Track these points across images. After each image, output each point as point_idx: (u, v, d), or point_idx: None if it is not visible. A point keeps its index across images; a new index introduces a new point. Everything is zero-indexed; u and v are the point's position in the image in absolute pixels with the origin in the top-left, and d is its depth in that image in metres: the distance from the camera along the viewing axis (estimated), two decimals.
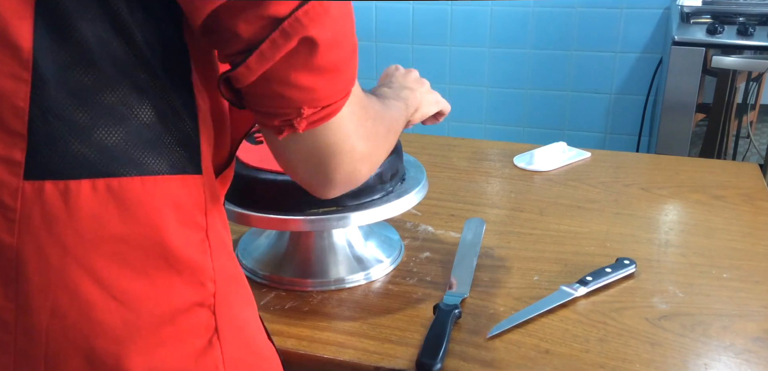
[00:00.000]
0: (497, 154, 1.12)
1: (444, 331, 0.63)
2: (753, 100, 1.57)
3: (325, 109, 0.44)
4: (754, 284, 0.74)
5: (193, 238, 0.45)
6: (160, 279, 0.43)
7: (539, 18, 1.96)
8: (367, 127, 0.49)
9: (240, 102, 0.45)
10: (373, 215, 0.70)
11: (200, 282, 0.45)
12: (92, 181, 0.41)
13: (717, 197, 0.95)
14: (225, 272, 0.47)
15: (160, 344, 0.43)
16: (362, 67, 1.95)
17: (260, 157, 0.73)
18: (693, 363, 0.61)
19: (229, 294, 0.47)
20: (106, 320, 0.42)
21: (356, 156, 0.48)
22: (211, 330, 0.46)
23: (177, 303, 0.44)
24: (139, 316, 0.43)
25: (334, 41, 0.42)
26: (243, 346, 0.49)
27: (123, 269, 0.42)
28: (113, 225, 0.41)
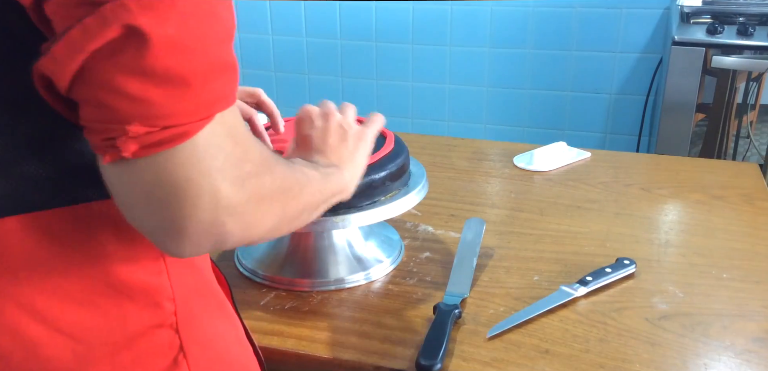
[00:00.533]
0: (497, 154, 1.12)
1: (444, 331, 0.63)
2: (753, 100, 1.57)
3: (167, 130, 0.34)
4: (755, 284, 0.74)
5: (142, 260, 0.42)
6: (110, 307, 0.41)
7: (539, 18, 1.96)
8: (243, 170, 0.38)
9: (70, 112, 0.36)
10: (373, 215, 0.70)
11: (156, 304, 0.43)
12: (19, 217, 0.38)
13: (717, 197, 0.95)
14: (187, 288, 0.45)
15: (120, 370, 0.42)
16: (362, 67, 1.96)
17: None
18: (693, 363, 0.61)
19: (194, 308, 0.45)
20: (55, 355, 0.40)
21: (221, 202, 0.36)
22: (175, 349, 0.44)
23: (132, 328, 0.42)
24: (91, 347, 0.41)
25: (179, 42, 0.33)
26: (214, 360, 0.47)
27: (65, 302, 0.40)
28: (48, 260, 0.39)
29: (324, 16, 2.14)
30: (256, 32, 2.22)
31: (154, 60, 0.32)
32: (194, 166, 0.35)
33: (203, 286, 0.48)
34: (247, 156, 0.39)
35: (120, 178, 0.36)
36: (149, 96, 0.33)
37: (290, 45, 2.21)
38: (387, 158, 0.73)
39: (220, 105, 0.36)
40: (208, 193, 0.36)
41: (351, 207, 0.69)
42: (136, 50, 0.32)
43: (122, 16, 0.31)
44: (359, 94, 2.20)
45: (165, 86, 0.33)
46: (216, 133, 0.36)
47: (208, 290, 0.49)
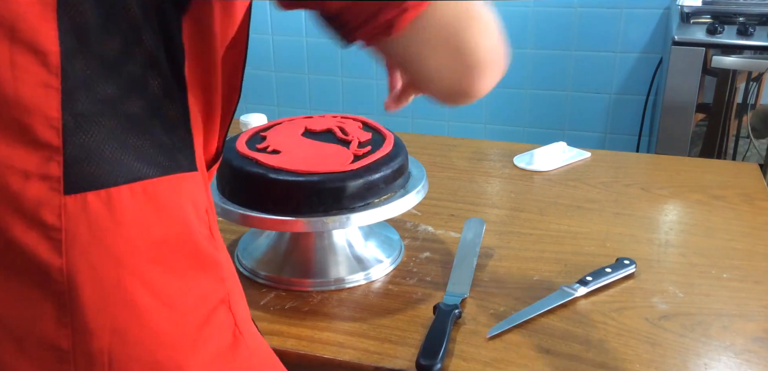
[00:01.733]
0: (497, 154, 1.12)
1: (444, 331, 0.63)
2: (753, 100, 1.57)
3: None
4: (754, 284, 0.74)
5: (206, 235, 0.44)
6: (194, 279, 0.42)
7: (539, 18, 1.96)
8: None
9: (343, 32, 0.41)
10: (373, 215, 0.70)
11: (220, 279, 0.45)
12: (130, 185, 0.39)
13: (717, 197, 0.95)
14: (230, 267, 0.47)
15: (205, 345, 0.42)
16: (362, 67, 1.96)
17: (264, 156, 0.73)
18: (693, 363, 0.61)
19: (235, 289, 0.47)
20: (163, 329, 0.40)
21: (491, 24, 0.41)
22: (232, 325, 0.45)
23: (210, 302, 0.43)
24: (186, 320, 0.41)
25: None
26: (254, 338, 0.49)
27: (167, 273, 0.41)
28: (154, 229, 0.40)
29: None
30: (256, 32, 2.22)
31: None
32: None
33: (234, 270, 0.50)
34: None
35: (415, 39, 0.40)
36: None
37: (290, 45, 2.21)
38: (386, 158, 0.73)
39: None
40: (482, 17, 0.41)
41: (351, 207, 0.69)
42: None
43: None
44: (359, 94, 2.20)
45: None
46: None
47: (236, 274, 0.50)
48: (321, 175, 0.69)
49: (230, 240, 0.85)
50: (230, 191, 0.73)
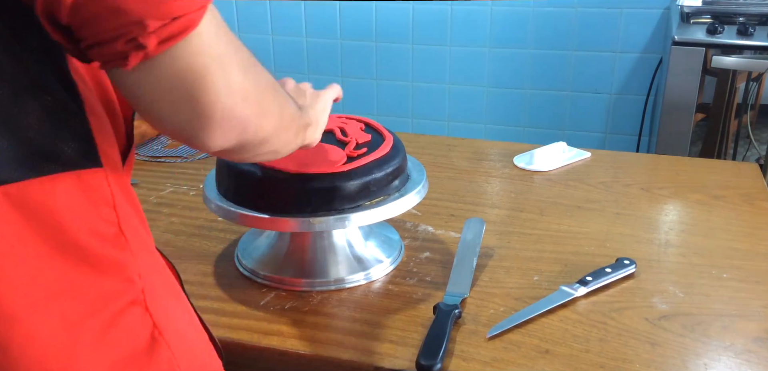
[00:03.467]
0: (497, 154, 1.12)
1: (444, 331, 0.63)
2: (753, 100, 1.57)
3: (176, 21, 0.36)
4: (755, 284, 0.74)
5: (107, 234, 0.42)
6: (88, 284, 0.41)
7: (539, 18, 1.96)
8: (241, 58, 0.41)
9: (73, 44, 0.38)
10: (373, 215, 0.70)
11: (126, 279, 0.43)
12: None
13: (717, 197, 0.95)
14: (147, 265, 0.45)
15: (109, 350, 0.41)
16: (362, 67, 1.96)
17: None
18: (693, 363, 0.61)
19: (156, 287, 0.45)
20: (51, 340, 0.39)
21: (235, 86, 0.40)
22: (150, 326, 0.44)
23: (112, 306, 0.42)
24: (79, 328, 0.40)
25: None
26: (181, 339, 0.47)
27: (50, 281, 0.39)
28: (27, 236, 0.38)
29: (324, 16, 2.14)
30: (256, 32, 2.22)
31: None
32: (206, 52, 0.38)
33: (159, 267, 0.48)
34: (239, 44, 0.42)
35: (145, 79, 0.38)
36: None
37: (290, 45, 2.21)
38: (383, 158, 0.73)
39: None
40: (223, 77, 0.39)
41: (351, 207, 0.69)
42: None
43: None
44: (359, 94, 2.20)
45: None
46: (212, 21, 0.39)
47: (163, 271, 0.49)
48: (319, 175, 0.69)
49: (230, 240, 0.85)
50: (229, 191, 0.73)
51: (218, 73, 0.39)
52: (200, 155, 1.12)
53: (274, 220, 0.69)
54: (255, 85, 0.43)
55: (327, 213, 0.69)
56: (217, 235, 0.86)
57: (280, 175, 0.69)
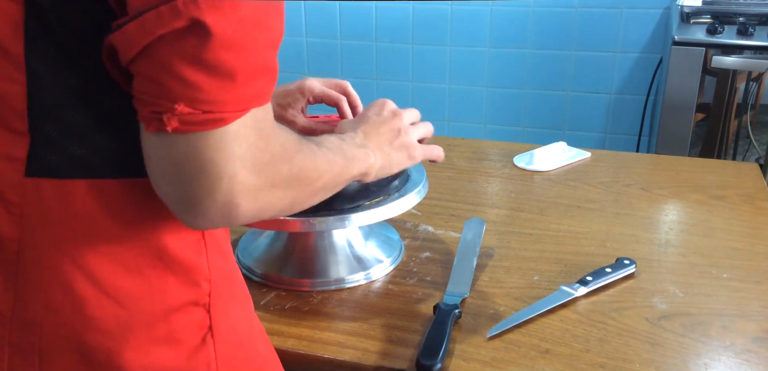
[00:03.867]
0: (497, 154, 1.12)
1: (444, 331, 0.63)
2: (753, 100, 1.57)
3: (206, 114, 0.38)
4: (755, 284, 0.74)
5: (189, 238, 0.45)
6: (154, 278, 0.44)
7: (539, 18, 1.96)
8: (262, 160, 0.42)
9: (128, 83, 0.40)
10: (373, 215, 0.70)
11: (195, 282, 0.46)
12: (88, 181, 0.42)
13: (717, 197, 0.95)
14: (220, 271, 0.48)
15: (153, 341, 0.44)
16: (362, 67, 1.96)
17: None
18: (693, 363, 0.61)
19: (225, 293, 0.48)
20: (98, 316, 0.42)
21: (237, 186, 0.40)
22: (205, 329, 0.46)
23: (171, 301, 0.44)
24: (132, 314, 0.43)
25: (235, 41, 0.37)
26: (238, 345, 0.49)
27: (116, 267, 0.43)
28: (107, 225, 0.42)
29: (324, 16, 2.14)
30: None
31: (211, 52, 0.37)
32: (221, 150, 0.39)
33: (234, 273, 0.50)
34: (268, 146, 0.43)
35: (156, 148, 0.40)
36: (199, 82, 0.37)
37: (290, 45, 2.21)
38: None
39: (257, 101, 0.40)
40: (228, 176, 0.40)
41: (351, 207, 0.69)
42: (197, 40, 0.36)
43: (192, 10, 0.36)
44: (359, 93, 2.20)
45: (215, 76, 0.38)
46: (246, 124, 0.40)
47: (238, 278, 0.51)
48: None
49: (230, 240, 0.85)
50: None
51: (225, 172, 0.40)
52: None
53: (273, 220, 0.69)
54: (267, 183, 0.43)
55: (328, 213, 0.69)
56: None
57: None
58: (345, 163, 0.56)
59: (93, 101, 0.41)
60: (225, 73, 0.38)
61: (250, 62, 0.39)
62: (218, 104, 0.38)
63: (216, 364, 0.47)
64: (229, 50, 0.37)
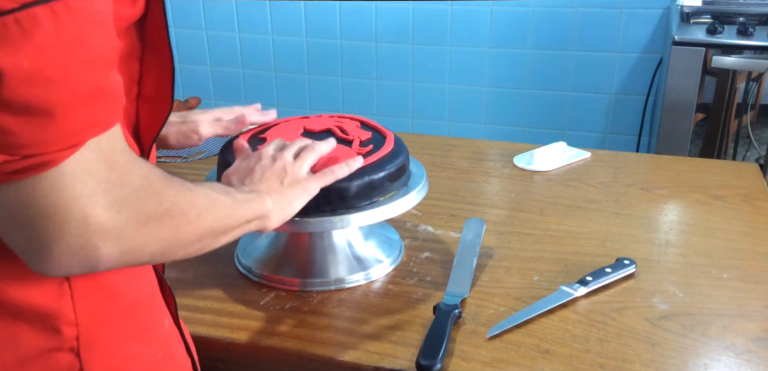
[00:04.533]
0: (497, 154, 1.12)
1: (444, 331, 0.63)
2: (753, 100, 1.57)
3: (29, 159, 0.34)
4: (755, 284, 0.74)
5: (40, 284, 0.42)
6: (2, 328, 0.41)
7: (539, 18, 1.96)
8: (120, 195, 0.38)
9: None
10: (373, 215, 0.70)
11: (53, 328, 0.43)
12: None
13: (717, 197, 0.95)
14: (95, 312, 0.44)
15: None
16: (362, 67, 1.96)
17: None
18: (693, 363, 0.61)
19: (102, 332, 0.45)
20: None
21: (91, 227, 0.37)
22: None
23: (24, 350, 0.42)
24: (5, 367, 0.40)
25: (37, 74, 0.33)
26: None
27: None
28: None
29: (324, 16, 2.14)
30: (256, 32, 2.22)
31: (9, 93, 0.32)
32: (59, 193, 0.35)
33: (119, 310, 0.46)
34: (125, 180, 0.39)
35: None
36: (8, 126, 0.33)
37: (290, 45, 2.21)
38: (386, 158, 0.73)
39: (92, 131, 0.36)
40: (76, 219, 0.36)
41: (351, 207, 0.69)
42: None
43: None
44: (359, 94, 2.20)
45: (24, 117, 0.33)
46: (86, 159, 0.36)
47: (126, 313, 0.47)
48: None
49: None
50: None
51: (70, 214, 0.36)
52: (201, 156, 1.12)
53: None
54: (129, 221, 0.39)
55: (328, 213, 0.69)
56: None
57: None
58: (233, 203, 0.52)
59: None
60: (35, 110, 0.33)
61: (65, 91, 0.34)
62: (39, 145, 0.34)
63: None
64: (32, 85, 0.33)
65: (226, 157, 0.74)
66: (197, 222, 0.46)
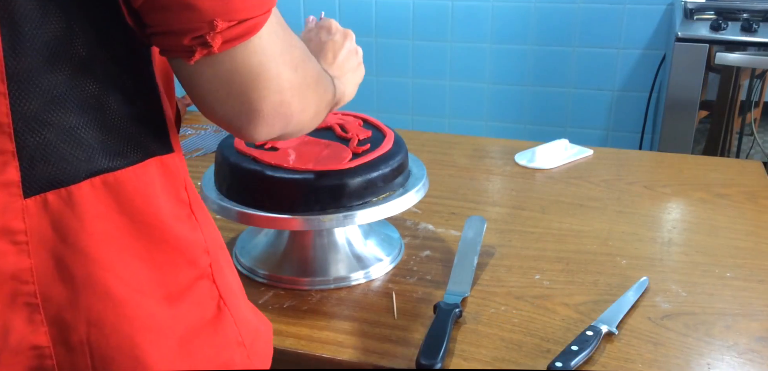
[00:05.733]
0: (498, 152, 1.11)
1: (444, 330, 0.62)
2: (757, 97, 1.56)
3: (242, 24, 0.39)
4: (758, 283, 0.73)
5: (182, 216, 0.45)
6: (165, 262, 0.43)
7: (541, 14, 1.95)
8: (294, 56, 0.44)
9: (142, 28, 0.40)
10: (373, 214, 0.69)
11: (198, 256, 0.45)
12: (90, 180, 0.40)
13: (720, 195, 0.94)
14: (214, 240, 0.48)
15: (183, 320, 0.44)
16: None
17: (262, 153, 0.72)
18: (696, 362, 0.61)
19: (220, 260, 0.48)
20: (137, 314, 0.41)
21: (284, 84, 0.43)
22: (216, 297, 0.46)
23: (183, 280, 0.44)
24: (160, 301, 0.43)
25: None
26: (240, 306, 0.49)
27: (135, 260, 0.42)
28: (118, 220, 0.41)
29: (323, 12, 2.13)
30: None
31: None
32: (264, 52, 0.41)
33: (220, 241, 0.50)
34: (293, 42, 0.44)
35: (204, 74, 0.40)
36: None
37: None
38: (385, 156, 0.73)
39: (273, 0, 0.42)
40: (275, 76, 0.42)
41: (351, 205, 0.69)
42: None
43: None
44: (359, 90, 2.19)
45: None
46: (273, 23, 0.41)
47: (223, 244, 0.51)
48: (320, 173, 0.68)
49: (228, 238, 0.84)
50: (228, 189, 0.72)
51: (272, 72, 0.41)
52: (198, 153, 1.12)
53: (272, 218, 0.69)
54: (303, 81, 0.45)
55: (327, 211, 0.68)
56: None
57: (287, 173, 0.68)
58: (332, 82, 0.56)
59: (71, 98, 0.39)
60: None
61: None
62: (249, 9, 0.39)
63: (235, 325, 0.47)
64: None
65: (225, 154, 0.73)
66: (326, 93, 0.52)
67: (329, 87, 0.54)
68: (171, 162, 0.44)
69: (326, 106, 0.53)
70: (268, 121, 0.43)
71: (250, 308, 0.52)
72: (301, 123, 0.47)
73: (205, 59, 0.39)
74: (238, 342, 0.47)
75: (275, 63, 0.42)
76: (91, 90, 0.40)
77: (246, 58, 0.40)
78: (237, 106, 0.42)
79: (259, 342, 0.50)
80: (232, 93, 0.41)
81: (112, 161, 0.41)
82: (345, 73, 0.64)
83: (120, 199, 0.41)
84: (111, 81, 0.40)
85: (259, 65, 0.41)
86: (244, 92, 0.41)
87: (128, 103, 0.41)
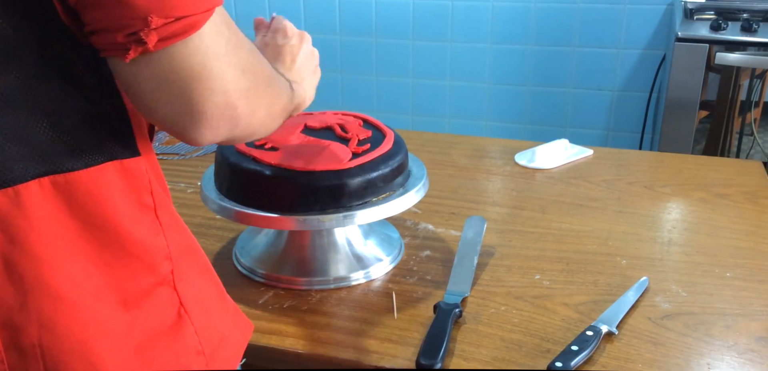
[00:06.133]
0: (498, 152, 1.11)
1: (444, 330, 0.62)
2: (757, 97, 1.56)
3: (180, 21, 0.37)
4: (758, 283, 0.73)
5: (144, 221, 0.44)
6: (122, 267, 0.43)
7: (541, 14, 1.95)
8: (240, 57, 0.42)
9: (79, 28, 0.39)
10: (373, 213, 0.69)
11: (156, 263, 0.45)
12: (38, 180, 0.39)
13: (720, 195, 0.94)
14: (179, 247, 0.47)
15: (139, 326, 0.43)
16: (362, 63, 1.95)
17: (262, 153, 0.72)
18: (696, 362, 0.61)
19: (184, 267, 0.47)
20: (91, 318, 0.41)
21: (229, 85, 0.41)
22: (177, 305, 0.46)
23: (140, 286, 0.44)
24: (115, 307, 0.42)
25: None
26: (206, 314, 0.49)
27: (87, 263, 0.41)
28: (68, 222, 0.40)
29: (323, 12, 2.13)
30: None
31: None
32: (206, 52, 0.39)
33: (190, 245, 0.49)
34: (241, 42, 0.43)
35: (141, 73, 0.39)
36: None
37: None
38: (385, 156, 0.73)
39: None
40: (219, 77, 0.40)
41: (350, 205, 0.69)
42: None
43: None
44: (359, 90, 2.19)
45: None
46: (217, 21, 0.40)
47: (195, 249, 0.50)
48: (320, 173, 0.68)
49: (228, 238, 0.84)
50: (228, 188, 0.72)
51: (214, 72, 0.40)
52: (198, 152, 1.12)
53: (272, 218, 0.69)
54: (252, 83, 0.43)
55: (327, 211, 0.68)
56: (214, 233, 0.85)
57: (287, 173, 0.68)
58: (289, 86, 0.54)
59: (21, 98, 0.38)
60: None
61: None
62: (187, 6, 0.37)
63: (196, 334, 0.46)
64: None
65: (224, 154, 0.73)
66: (279, 98, 0.50)
67: (284, 91, 0.52)
68: (134, 166, 0.43)
69: (281, 110, 0.51)
70: (212, 123, 0.41)
71: (225, 312, 0.51)
72: (250, 126, 0.45)
73: (142, 58, 0.38)
74: (197, 351, 0.46)
75: (219, 63, 0.40)
76: (43, 91, 0.39)
77: (186, 58, 0.39)
78: (178, 107, 0.40)
79: (223, 349, 0.49)
80: (173, 93, 0.39)
81: (64, 163, 0.40)
82: (305, 77, 0.62)
83: (71, 201, 0.40)
84: (65, 83, 0.39)
85: (200, 65, 0.39)
86: (185, 93, 0.39)
87: (84, 105, 0.40)
